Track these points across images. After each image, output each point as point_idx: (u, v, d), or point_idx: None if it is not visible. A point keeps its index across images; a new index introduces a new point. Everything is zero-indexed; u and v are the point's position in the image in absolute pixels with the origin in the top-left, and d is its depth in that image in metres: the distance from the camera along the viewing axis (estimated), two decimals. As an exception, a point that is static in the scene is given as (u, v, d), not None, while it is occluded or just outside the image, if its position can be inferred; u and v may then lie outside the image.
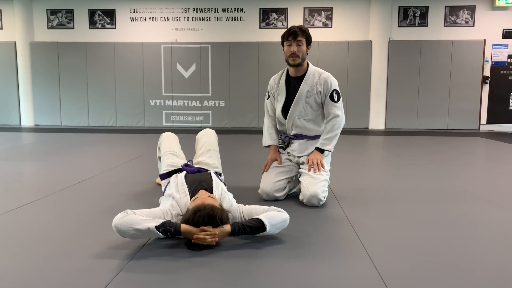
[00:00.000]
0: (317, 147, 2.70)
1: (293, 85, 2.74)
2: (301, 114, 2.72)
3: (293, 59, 2.63)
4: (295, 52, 2.60)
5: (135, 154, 4.76)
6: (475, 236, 2.03)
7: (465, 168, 4.02)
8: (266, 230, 1.83)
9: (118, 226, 1.72)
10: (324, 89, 2.67)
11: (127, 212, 1.77)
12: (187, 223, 1.77)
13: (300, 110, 2.71)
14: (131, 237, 1.75)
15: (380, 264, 1.65)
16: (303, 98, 2.69)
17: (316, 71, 2.72)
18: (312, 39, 2.69)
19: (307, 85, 2.68)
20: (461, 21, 8.67)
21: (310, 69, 2.72)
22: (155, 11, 9.04)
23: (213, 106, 9.05)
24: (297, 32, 2.59)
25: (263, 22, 8.92)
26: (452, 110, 8.72)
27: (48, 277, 1.53)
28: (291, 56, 2.62)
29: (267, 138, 2.90)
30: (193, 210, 1.78)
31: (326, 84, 2.67)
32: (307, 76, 2.69)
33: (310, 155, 2.69)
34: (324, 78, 2.68)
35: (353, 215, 2.37)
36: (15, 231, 2.08)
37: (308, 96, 2.68)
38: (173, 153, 2.59)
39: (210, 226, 1.75)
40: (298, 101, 2.70)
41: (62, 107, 9.18)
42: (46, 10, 9.17)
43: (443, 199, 2.78)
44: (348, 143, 6.00)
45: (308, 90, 2.68)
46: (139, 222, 1.73)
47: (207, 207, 1.77)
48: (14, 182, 3.26)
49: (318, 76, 2.69)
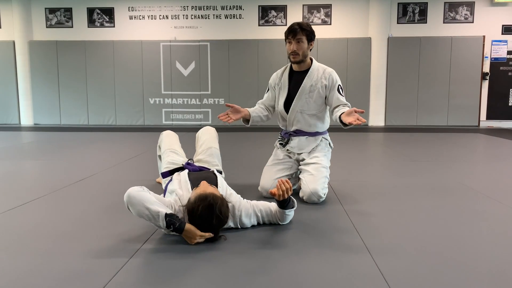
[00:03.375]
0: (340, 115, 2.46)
1: (296, 80, 2.74)
2: (304, 109, 2.71)
3: (294, 57, 2.65)
4: (295, 50, 2.61)
5: (134, 153, 4.76)
6: (475, 232, 2.04)
7: (465, 164, 4.02)
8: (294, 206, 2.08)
9: (131, 197, 1.73)
10: (330, 82, 2.67)
11: (143, 188, 1.80)
12: (189, 211, 1.79)
13: (303, 104, 2.70)
14: (136, 213, 1.75)
15: (381, 261, 1.66)
16: (306, 92, 2.68)
17: (320, 66, 2.74)
18: (315, 35, 2.67)
19: (310, 79, 2.68)
20: (460, 18, 8.66)
21: (314, 64, 2.73)
22: (154, 9, 9.02)
23: (212, 104, 9.04)
24: (296, 29, 2.59)
25: (262, 20, 8.91)
26: (452, 106, 8.71)
27: (48, 276, 1.53)
28: (292, 54, 2.64)
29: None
30: (195, 198, 1.80)
31: (331, 77, 2.67)
32: (311, 71, 2.69)
33: (348, 118, 2.32)
34: (328, 72, 2.70)
35: (353, 211, 2.37)
36: (15, 229, 2.08)
37: (311, 90, 2.68)
38: (173, 151, 2.59)
39: (210, 221, 1.77)
40: (301, 95, 2.69)
41: (62, 106, 9.17)
42: (45, 9, 9.14)
43: (443, 195, 2.78)
44: (348, 140, 6.00)
45: (311, 84, 2.68)
46: (151, 203, 1.75)
47: (209, 195, 1.79)
48: (14, 181, 3.26)
49: (323, 70, 2.71)
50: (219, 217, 1.78)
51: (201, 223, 1.78)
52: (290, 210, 2.07)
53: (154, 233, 1.97)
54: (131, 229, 2.04)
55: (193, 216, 1.78)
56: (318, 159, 2.68)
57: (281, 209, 2.04)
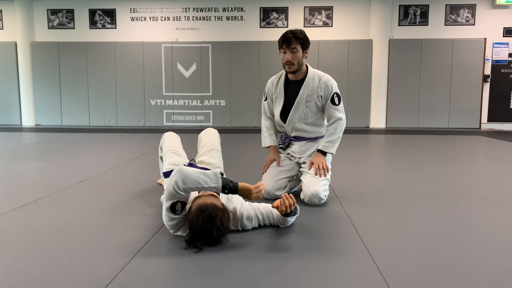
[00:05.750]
0: (320, 150, 2.67)
1: (292, 89, 2.69)
2: (301, 118, 2.69)
3: (289, 67, 2.59)
4: (290, 60, 2.55)
5: (136, 154, 4.76)
6: (476, 235, 2.03)
7: (466, 167, 4.01)
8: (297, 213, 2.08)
9: (182, 169, 1.78)
10: (325, 93, 2.63)
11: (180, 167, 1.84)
12: (190, 223, 1.77)
13: (300, 114, 2.68)
14: (192, 181, 1.78)
15: (382, 263, 1.66)
16: (303, 103, 2.65)
17: (316, 74, 2.67)
18: (309, 42, 2.60)
19: (307, 89, 2.64)
20: (461, 20, 8.66)
21: (309, 73, 2.66)
22: (156, 10, 9.04)
23: (213, 105, 9.05)
24: (291, 39, 2.52)
25: (263, 21, 8.92)
26: (453, 108, 8.70)
27: (50, 276, 1.53)
28: (287, 64, 2.58)
29: (266, 139, 2.86)
30: (195, 209, 1.78)
31: (327, 87, 2.62)
32: (306, 81, 2.64)
33: (314, 158, 2.66)
34: (324, 81, 2.63)
35: (354, 213, 2.37)
36: (17, 230, 2.08)
37: (308, 100, 2.64)
38: (175, 152, 2.59)
39: (212, 229, 1.77)
40: (298, 106, 2.66)
41: (63, 107, 9.19)
42: (47, 10, 9.17)
43: (444, 197, 2.78)
44: (349, 142, 6.00)
45: (308, 94, 2.64)
46: (198, 170, 1.85)
47: (210, 206, 1.76)
48: (16, 182, 3.27)
49: (318, 79, 2.64)
50: (219, 229, 1.76)
51: (201, 234, 1.76)
52: (292, 217, 2.07)
53: (156, 234, 1.98)
54: (133, 230, 2.04)
55: (193, 227, 1.76)
56: None
57: (284, 216, 2.03)
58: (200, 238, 1.77)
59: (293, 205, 1.97)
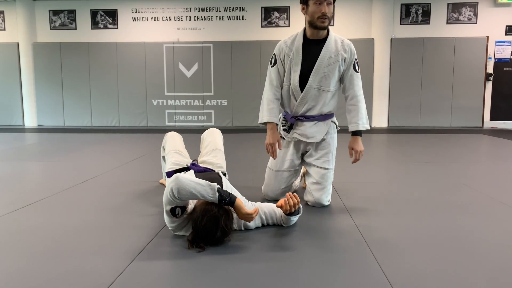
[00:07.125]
0: (355, 131, 2.41)
1: (310, 50, 2.37)
2: (321, 84, 2.38)
3: (322, 21, 2.27)
4: (325, 13, 2.25)
5: (138, 154, 4.77)
6: (480, 235, 2.02)
7: (469, 166, 4.00)
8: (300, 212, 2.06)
9: (179, 178, 1.73)
10: (349, 56, 2.38)
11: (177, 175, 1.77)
12: (194, 223, 1.78)
13: (320, 79, 2.37)
14: (188, 193, 1.72)
15: (385, 263, 1.65)
16: (325, 65, 2.35)
17: (337, 36, 2.43)
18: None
19: (329, 50, 2.34)
20: (463, 18, 8.63)
21: (331, 33, 2.39)
22: (157, 11, 9.05)
23: (215, 105, 9.05)
24: None
25: (265, 21, 8.91)
26: (455, 107, 8.68)
27: (52, 277, 1.53)
28: (321, 18, 2.26)
29: (265, 113, 2.49)
30: (201, 210, 1.78)
31: (350, 50, 2.39)
32: (328, 40, 2.35)
33: (355, 145, 2.42)
34: (348, 43, 2.40)
35: (357, 213, 2.36)
36: (19, 231, 2.08)
37: (330, 63, 2.35)
38: (178, 152, 2.59)
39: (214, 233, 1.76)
40: (319, 68, 2.35)
41: (65, 108, 9.20)
42: (49, 11, 9.19)
43: (447, 196, 2.77)
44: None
45: (330, 56, 2.35)
46: (195, 180, 1.77)
47: (215, 207, 1.77)
48: (18, 182, 3.28)
49: (341, 41, 2.40)
50: (223, 229, 1.77)
51: (205, 234, 1.76)
52: (295, 216, 2.07)
53: (158, 234, 1.98)
54: (135, 230, 2.04)
55: (197, 226, 1.77)
56: (324, 162, 2.51)
57: (287, 216, 2.03)
58: (204, 238, 1.77)
59: (297, 205, 1.96)
